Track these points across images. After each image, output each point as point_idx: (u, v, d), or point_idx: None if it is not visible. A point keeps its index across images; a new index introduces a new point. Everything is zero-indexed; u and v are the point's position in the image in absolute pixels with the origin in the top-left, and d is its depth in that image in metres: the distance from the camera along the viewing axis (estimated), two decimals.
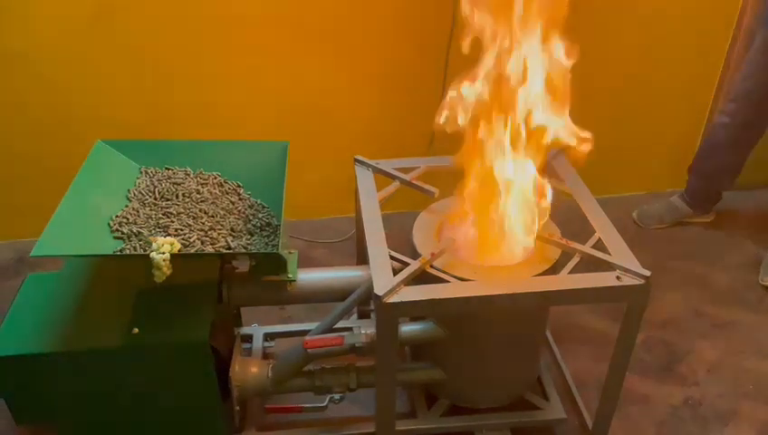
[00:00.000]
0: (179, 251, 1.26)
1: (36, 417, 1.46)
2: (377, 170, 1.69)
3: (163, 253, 1.20)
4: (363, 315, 1.88)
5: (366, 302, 1.77)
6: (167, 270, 1.21)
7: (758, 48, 2.08)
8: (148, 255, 1.22)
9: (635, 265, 1.33)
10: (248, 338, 1.82)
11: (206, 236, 1.36)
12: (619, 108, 2.48)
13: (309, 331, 1.51)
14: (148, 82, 2.16)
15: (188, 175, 1.55)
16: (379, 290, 1.27)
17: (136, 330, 1.32)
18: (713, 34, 2.38)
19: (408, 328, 1.53)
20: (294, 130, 1.95)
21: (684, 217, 2.47)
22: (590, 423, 1.61)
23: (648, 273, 1.31)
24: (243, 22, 2.09)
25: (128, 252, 1.29)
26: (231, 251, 1.34)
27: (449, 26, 2.05)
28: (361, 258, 1.82)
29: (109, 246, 1.32)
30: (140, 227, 1.35)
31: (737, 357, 1.93)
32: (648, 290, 1.31)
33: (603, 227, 1.47)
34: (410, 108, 2.30)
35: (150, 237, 1.28)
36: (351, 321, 1.84)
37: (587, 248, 1.39)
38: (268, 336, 1.85)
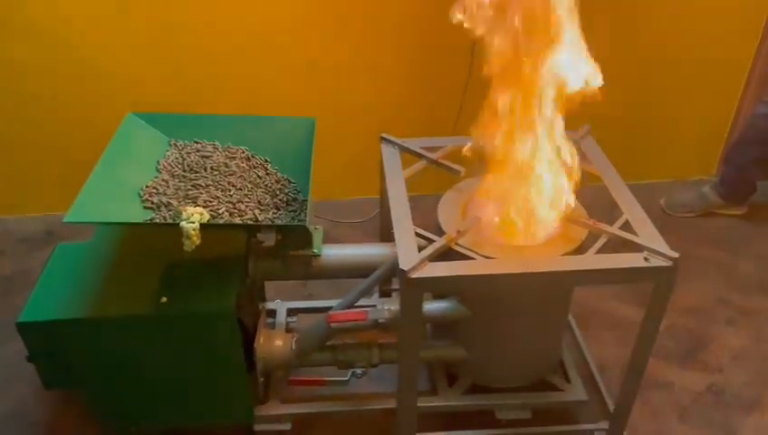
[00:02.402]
0: (208, 221, 1.28)
1: (64, 383, 1.50)
2: (403, 149, 1.68)
3: (193, 222, 1.21)
4: (385, 295, 1.89)
5: (389, 279, 1.79)
6: (196, 239, 1.23)
7: None
8: (179, 224, 1.23)
9: (663, 247, 1.32)
10: (271, 313, 1.85)
11: (234, 209, 1.37)
12: (649, 94, 2.44)
13: (331, 307, 1.52)
14: (176, 55, 2.18)
15: (216, 148, 1.57)
16: (404, 265, 1.27)
17: (164, 299, 1.35)
18: (746, 19, 2.33)
19: (430, 306, 1.53)
20: (320, 109, 1.95)
21: (714, 207, 2.43)
22: (611, 406, 1.60)
23: (675, 255, 1.29)
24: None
25: (158, 221, 1.31)
26: (259, 223, 1.35)
27: None
28: (385, 237, 1.82)
29: (139, 215, 1.34)
30: (170, 198, 1.37)
31: (762, 346, 1.91)
32: (676, 272, 1.30)
33: (631, 209, 1.45)
34: (437, 88, 2.29)
35: (180, 207, 1.30)
36: (373, 299, 1.85)
37: (614, 229, 1.38)
38: (291, 312, 1.87)
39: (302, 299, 1.99)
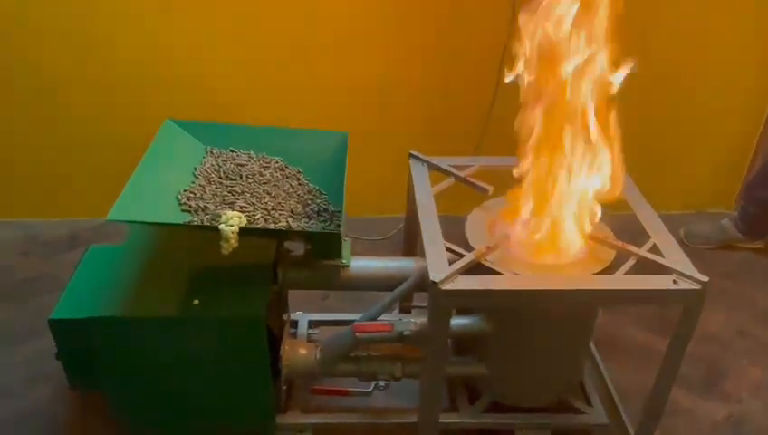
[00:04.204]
0: (246, 226, 1.30)
1: (89, 383, 1.51)
2: (432, 166, 1.71)
3: (232, 225, 1.24)
4: (405, 311, 1.90)
5: (411, 295, 1.80)
6: (234, 242, 1.25)
7: None
8: (218, 227, 1.26)
9: (691, 271, 1.33)
10: (293, 324, 1.86)
11: (269, 215, 1.40)
12: (668, 125, 2.47)
13: (352, 320, 1.53)
14: (208, 67, 2.23)
15: (251, 158, 1.60)
16: (435, 277, 1.29)
17: (196, 301, 1.37)
18: (765, 50, 2.36)
19: (455, 321, 1.54)
20: (344, 126, 2.00)
21: (733, 240, 2.44)
22: (631, 431, 1.59)
23: (705, 278, 1.31)
24: (311, 16, 2.16)
25: (197, 223, 1.33)
26: (296, 230, 1.37)
27: (507, 27, 2.07)
28: (408, 253, 1.85)
29: (177, 218, 1.36)
30: (207, 203, 1.40)
31: None
32: (704, 296, 1.31)
33: (659, 232, 1.47)
34: (459, 110, 2.32)
35: (219, 210, 1.32)
36: (393, 315, 1.86)
37: (643, 251, 1.40)
38: (313, 323, 1.88)
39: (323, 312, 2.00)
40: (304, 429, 1.58)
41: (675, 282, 1.31)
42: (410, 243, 1.85)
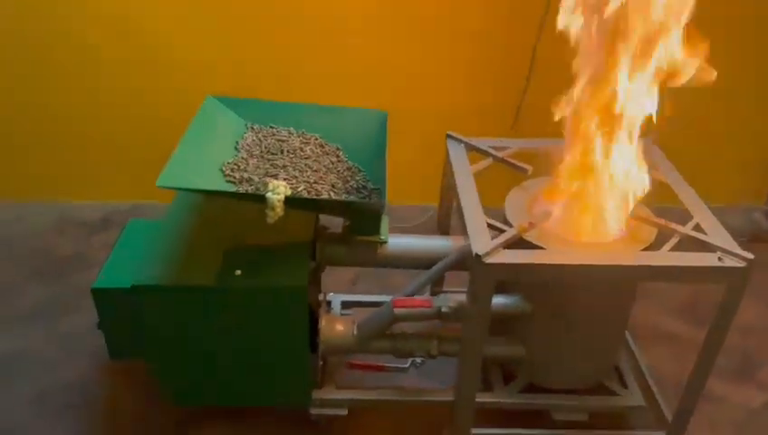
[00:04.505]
0: (292, 195, 1.31)
1: (130, 352, 1.53)
2: (469, 147, 1.72)
3: (278, 193, 1.25)
4: (435, 295, 1.89)
5: (443, 278, 1.80)
6: (280, 211, 1.26)
7: None
8: (265, 195, 1.27)
9: (736, 248, 1.32)
10: (327, 304, 1.86)
11: (312, 188, 1.41)
12: (701, 119, 2.44)
13: (384, 302, 1.53)
14: (247, 48, 2.25)
15: (292, 134, 1.61)
16: (478, 250, 1.29)
17: (238, 272, 1.38)
18: None
19: (494, 301, 1.54)
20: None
21: (764, 232, 2.42)
22: (668, 415, 1.58)
23: (750, 256, 1.30)
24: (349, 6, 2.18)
25: (244, 192, 1.34)
26: (340, 199, 1.38)
27: (542, 12, 2.07)
28: (445, 229, 1.85)
29: (224, 188, 1.38)
30: (251, 174, 1.41)
31: None
32: (749, 273, 1.30)
33: (700, 211, 1.46)
34: (494, 93, 2.32)
35: (266, 179, 1.33)
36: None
37: (687, 229, 1.39)
38: (345, 304, 1.89)
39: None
40: (340, 404, 1.58)
41: (720, 259, 1.31)
42: (445, 224, 1.86)
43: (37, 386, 1.73)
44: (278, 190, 1.26)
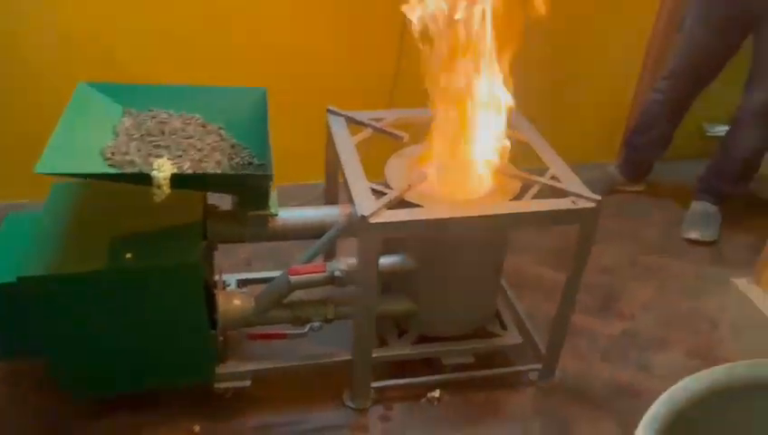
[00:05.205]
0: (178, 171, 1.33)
1: (23, 351, 1.49)
2: (349, 119, 1.80)
3: (164, 171, 1.27)
4: (329, 258, 1.97)
5: (333, 248, 1.89)
6: (166, 189, 1.28)
7: (686, 30, 2.31)
8: (149, 174, 1.28)
9: (586, 192, 1.51)
10: (223, 285, 1.88)
11: (197, 166, 1.43)
12: (554, 83, 2.66)
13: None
14: (120, 32, 2.19)
15: (171, 115, 1.61)
16: (363, 211, 1.39)
17: (129, 255, 1.38)
18: (639, 9, 2.60)
19: (382, 261, 1.64)
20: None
21: (618, 185, 2.71)
22: (543, 349, 1.77)
23: (598, 197, 1.49)
24: None
25: (128, 172, 1.34)
26: (227, 173, 1.41)
27: None
28: (332, 200, 1.93)
29: (107, 171, 1.37)
30: (133, 157, 1.41)
31: (665, 296, 2.16)
32: (599, 212, 1.49)
33: (555, 163, 1.64)
34: (369, 64, 2.41)
35: (150, 159, 1.34)
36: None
37: (545, 179, 1.56)
38: (241, 283, 1.93)
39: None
40: (243, 376, 1.63)
41: (573, 202, 1.49)
42: (332, 197, 1.94)
43: None
44: (163, 169, 1.28)
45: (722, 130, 2.56)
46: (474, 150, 1.61)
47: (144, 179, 1.30)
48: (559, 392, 1.78)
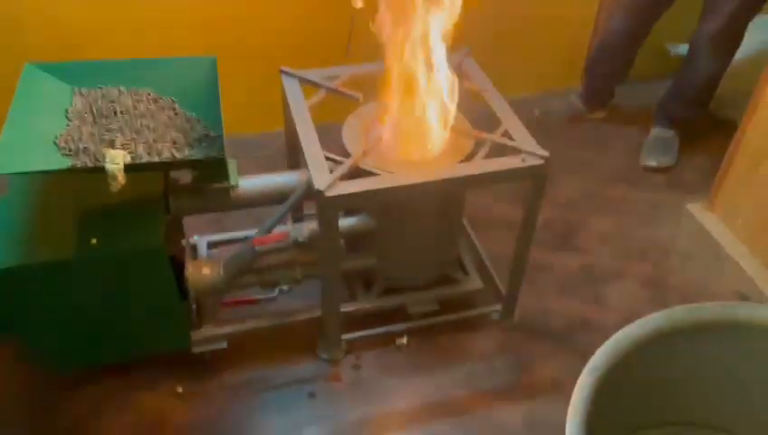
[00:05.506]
0: (130, 162, 1.35)
1: None
2: (303, 80, 1.80)
3: (117, 163, 1.29)
4: (298, 221, 2.03)
5: (301, 206, 1.93)
6: (122, 180, 1.30)
7: None
8: (103, 167, 1.30)
9: (536, 148, 1.55)
10: (193, 248, 1.94)
11: (151, 149, 1.45)
12: (515, 15, 2.63)
13: (248, 237, 1.64)
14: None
15: (122, 92, 1.60)
16: (319, 185, 1.43)
17: (94, 241, 1.42)
18: None
19: (343, 222, 1.70)
20: (212, 46, 1.97)
21: (579, 113, 2.73)
22: (503, 291, 1.87)
23: (546, 153, 1.53)
24: None
25: (81, 166, 1.36)
26: (179, 160, 1.44)
27: None
28: (293, 165, 1.95)
29: (59, 163, 1.38)
30: (86, 144, 1.42)
31: (622, 228, 2.26)
32: (547, 168, 1.54)
33: (508, 118, 1.67)
34: (329, 20, 2.36)
35: (103, 149, 1.36)
36: (287, 226, 1.99)
37: (495, 136, 1.60)
38: (211, 245, 1.98)
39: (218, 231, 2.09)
40: (219, 339, 1.72)
41: (523, 160, 1.53)
42: (294, 156, 1.96)
43: None
44: (116, 160, 1.29)
45: (685, 48, 2.52)
46: (426, 108, 1.63)
47: (99, 171, 1.32)
48: (520, 330, 1.90)
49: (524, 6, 2.61)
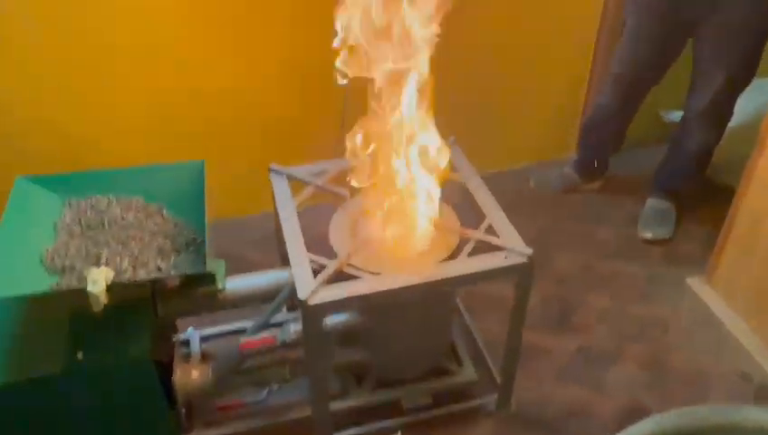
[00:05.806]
0: (113, 280, 1.37)
1: None
2: (291, 177, 1.83)
3: (98, 285, 1.31)
4: (293, 308, 2.03)
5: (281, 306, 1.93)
6: (104, 300, 1.32)
7: (626, 35, 2.30)
8: (85, 290, 1.32)
9: (520, 245, 1.55)
10: (186, 343, 1.94)
11: (137, 261, 1.47)
12: (500, 85, 2.66)
13: (242, 329, 1.65)
14: (57, 109, 2.18)
15: (111, 202, 1.64)
16: (302, 294, 1.43)
17: (80, 354, 1.43)
18: (585, 9, 2.59)
19: (332, 320, 1.70)
20: (208, 135, 2.00)
21: (574, 184, 2.74)
22: (498, 379, 1.84)
23: (529, 251, 1.53)
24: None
25: (64, 286, 1.38)
26: (162, 276, 1.45)
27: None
28: (285, 259, 1.96)
29: (44, 280, 1.41)
30: (73, 260, 1.44)
31: (621, 304, 2.23)
32: (531, 266, 1.54)
33: (492, 211, 1.68)
34: (316, 111, 2.41)
35: (85, 270, 1.38)
36: (282, 314, 1.99)
37: (479, 234, 1.60)
38: (204, 339, 1.98)
39: (212, 323, 2.09)
40: None
41: (506, 258, 1.53)
42: (284, 246, 1.97)
43: None
44: (99, 281, 1.31)
45: (679, 115, 2.52)
46: (411, 206, 1.65)
47: (82, 293, 1.34)
48: (516, 421, 1.86)
49: (509, 79, 2.63)
